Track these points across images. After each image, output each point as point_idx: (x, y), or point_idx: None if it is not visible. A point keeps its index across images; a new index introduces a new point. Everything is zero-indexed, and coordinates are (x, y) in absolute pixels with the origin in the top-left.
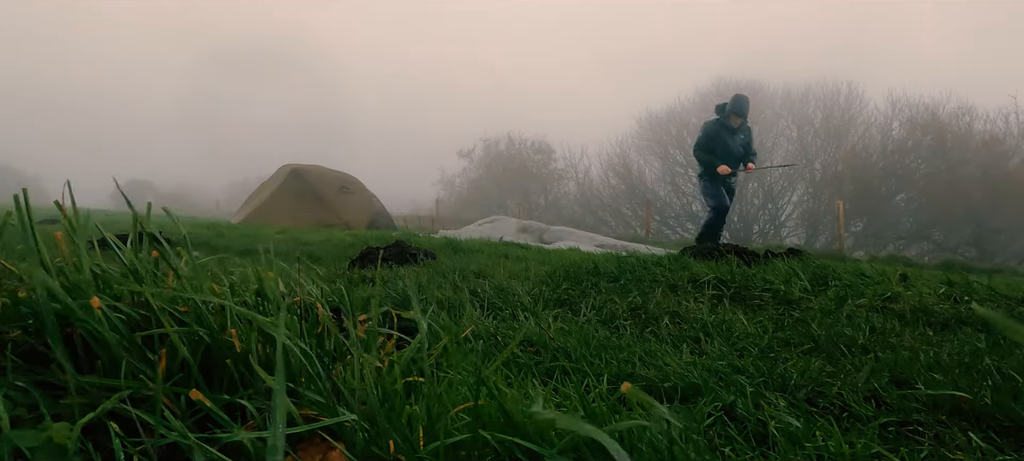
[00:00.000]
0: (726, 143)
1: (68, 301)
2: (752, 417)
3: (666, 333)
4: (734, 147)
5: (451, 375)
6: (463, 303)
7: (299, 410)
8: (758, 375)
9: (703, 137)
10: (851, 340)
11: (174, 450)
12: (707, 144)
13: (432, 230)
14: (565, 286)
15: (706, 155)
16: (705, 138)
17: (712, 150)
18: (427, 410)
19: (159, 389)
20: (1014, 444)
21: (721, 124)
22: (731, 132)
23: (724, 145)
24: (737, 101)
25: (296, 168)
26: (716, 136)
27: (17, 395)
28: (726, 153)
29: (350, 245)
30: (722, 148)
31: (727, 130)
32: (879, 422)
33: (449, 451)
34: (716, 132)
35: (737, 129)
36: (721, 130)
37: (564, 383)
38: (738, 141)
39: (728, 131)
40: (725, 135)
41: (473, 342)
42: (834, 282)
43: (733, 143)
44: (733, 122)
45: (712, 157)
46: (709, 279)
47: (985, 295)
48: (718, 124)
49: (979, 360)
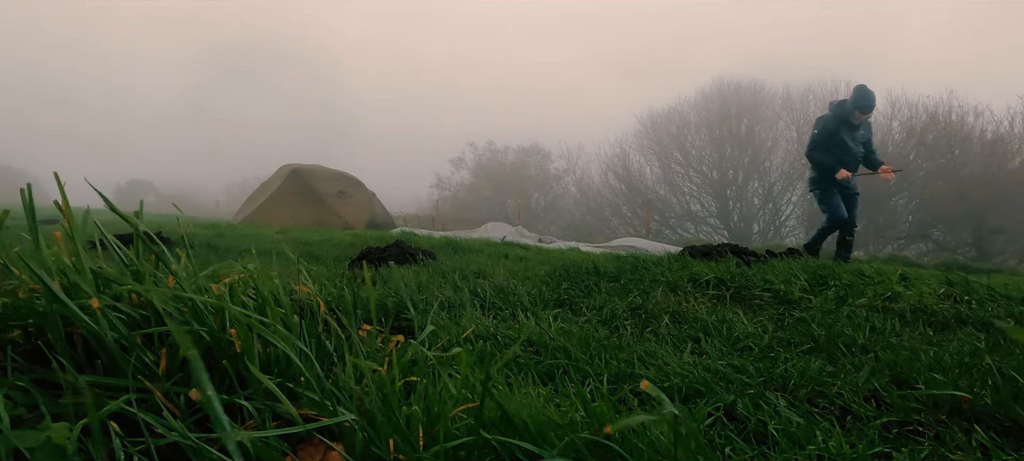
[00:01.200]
0: (845, 143)
1: (66, 302)
2: (752, 417)
3: (666, 333)
4: (854, 147)
5: (451, 376)
6: (463, 303)
7: (298, 410)
8: (758, 375)
9: (820, 135)
10: (851, 340)
11: (174, 450)
12: (824, 143)
13: (432, 230)
14: (565, 286)
15: (822, 156)
16: (822, 136)
17: (828, 151)
18: (426, 410)
19: (163, 389)
20: (1014, 444)
21: (841, 121)
22: (851, 129)
23: (842, 145)
24: (861, 94)
25: (296, 168)
26: (834, 135)
27: (17, 395)
28: (845, 154)
29: (350, 245)
30: (840, 148)
31: (847, 127)
32: (879, 422)
33: (448, 453)
34: (835, 129)
35: (858, 125)
36: (841, 127)
37: (565, 383)
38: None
39: (848, 128)
40: (845, 133)
41: (474, 342)
42: (834, 282)
43: (853, 142)
44: (855, 119)
45: (828, 158)
46: (709, 279)
47: (985, 295)
48: (838, 121)
49: (979, 360)
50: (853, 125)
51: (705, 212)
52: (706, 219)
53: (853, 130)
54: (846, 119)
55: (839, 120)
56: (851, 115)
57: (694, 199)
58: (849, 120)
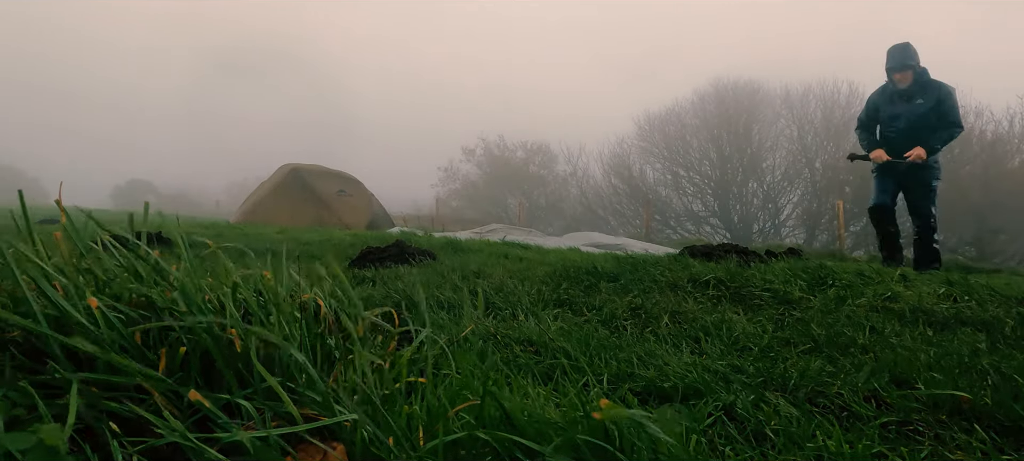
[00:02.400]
0: (890, 116)
1: (63, 304)
2: (752, 417)
3: (666, 333)
4: (902, 120)
5: (451, 376)
6: (463, 303)
7: (299, 410)
8: (758, 375)
9: (862, 111)
10: (851, 340)
11: (175, 450)
12: (865, 119)
13: (432, 229)
14: (565, 286)
15: (863, 134)
16: (863, 111)
17: (866, 128)
18: (427, 410)
19: (164, 388)
20: (1014, 444)
21: (883, 90)
22: (897, 98)
23: (889, 118)
24: (893, 52)
25: (296, 168)
26: (875, 107)
27: (16, 395)
28: (887, 130)
29: (350, 245)
30: (886, 122)
31: (889, 97)
32: (879, 422)
33: (448, 448)
34: (875, 101)
35: (911, 92)
36: (879, 98)
37: (564, 383)
38: (913, 110)
39: (890, 98)
40: (885, 104)
41: (473, 342)
42: (834, 282)
43: (904, 113)
44: (897, 81)
45: (864, 137)
46: (709, 279)
47: (985, 295)
48: (879, 91)
49: (979, 360)
50: (900, 92)
51: (705, 212)
52: (706, 219)
53: (904, 99)
54: (888, 87)
55: (881, 90)
56: (891, 81)
57: (694, 199)
58: (893, 87)
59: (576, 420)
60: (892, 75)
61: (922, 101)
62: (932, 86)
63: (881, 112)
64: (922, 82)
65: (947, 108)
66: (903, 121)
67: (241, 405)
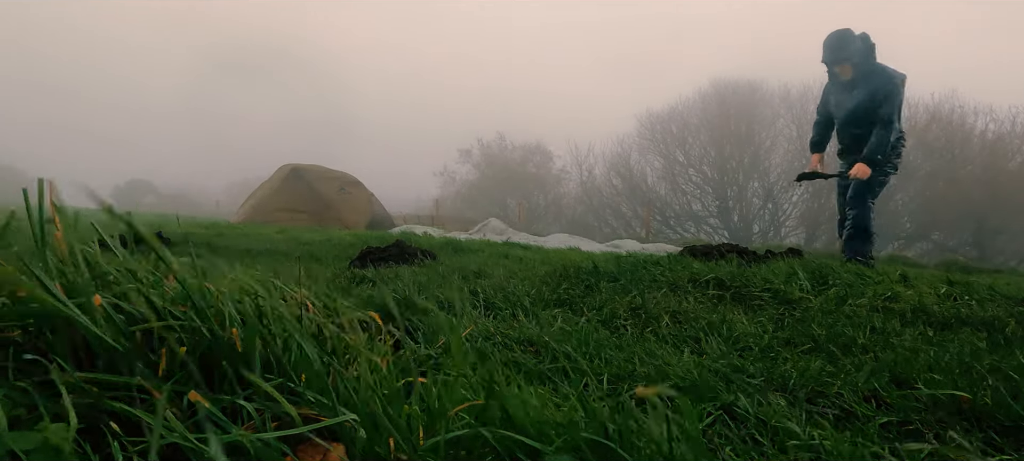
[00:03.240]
0: (836, 105)
1: (61, 304)
2: (752, 417)
3: (666, 333)
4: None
5: (452, 375)
6: (464, 303)
7: (299, 410)
8: (758, 375)
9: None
10: (851, 340)
11: (175, 450)
12: (820, 110)
13: (432, 229)
14: (565, 286)
15: (814, 128)
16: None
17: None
18: (427, 409)
19: (165, 389)
20: (1014, 444)
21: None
22: (841, 88)
23: (836, 108)
24: (827, 45)
25: (296, 167)
26: (826, 98)
27: (17, 395)
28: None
29: (350, 245)
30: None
31: (838, 86)
32: (879, 422)
33: (449, 446)
34: (826, 91)
35: (854, 81)
36: (830, 87)
37: (563, 384)
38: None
39: (838, 88)
40: (834, 93)
41: (473, 342)
42: (834, 282)
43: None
44: (841, 74)
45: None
46: (709, 279)
47: (985, 295)
48: (831, 79)
49: (979, 360)
50: (843, 85)
51: (705, 212)
52: (706, 219)
53: (847, 90)
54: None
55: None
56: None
57: (695, 199)
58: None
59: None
60: (832, 68)
61: (858, 91)
62: (873, 76)
63: (831, 103)
64: (865, 71)
65: (878, 103)
66: (842, 112)
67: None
